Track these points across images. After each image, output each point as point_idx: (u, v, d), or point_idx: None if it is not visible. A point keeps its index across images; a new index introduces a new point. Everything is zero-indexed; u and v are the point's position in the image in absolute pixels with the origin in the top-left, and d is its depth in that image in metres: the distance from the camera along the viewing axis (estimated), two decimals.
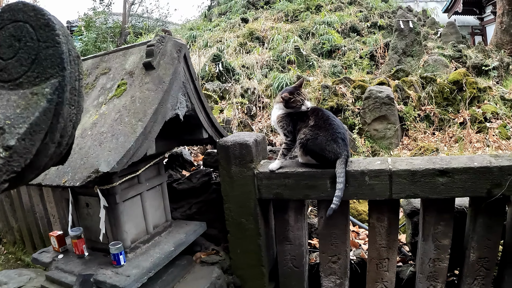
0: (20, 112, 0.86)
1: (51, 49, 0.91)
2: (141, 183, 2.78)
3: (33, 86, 0.90)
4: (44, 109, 0.87)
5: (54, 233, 2.90)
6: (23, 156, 0.85)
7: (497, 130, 6.66)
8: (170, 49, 2.45)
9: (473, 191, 2.48)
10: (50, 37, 0.91)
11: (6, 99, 0.87)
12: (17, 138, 0.83)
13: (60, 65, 0.91)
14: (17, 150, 0.84)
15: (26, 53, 0.92)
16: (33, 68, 0.91)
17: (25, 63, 0.92)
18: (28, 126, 0.85)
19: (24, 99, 0.87)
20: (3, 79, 0.92)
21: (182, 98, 2.51)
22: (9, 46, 0.93)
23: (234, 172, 2.81)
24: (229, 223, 2.99)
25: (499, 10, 13.27)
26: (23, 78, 0.91)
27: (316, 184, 2.63)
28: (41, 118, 0.87)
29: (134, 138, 2.06)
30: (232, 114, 7.14)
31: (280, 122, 2.70)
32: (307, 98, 2.66)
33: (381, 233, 2.75)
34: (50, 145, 0.91)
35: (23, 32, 0.93)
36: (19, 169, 0.85)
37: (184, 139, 3.05)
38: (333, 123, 2.57)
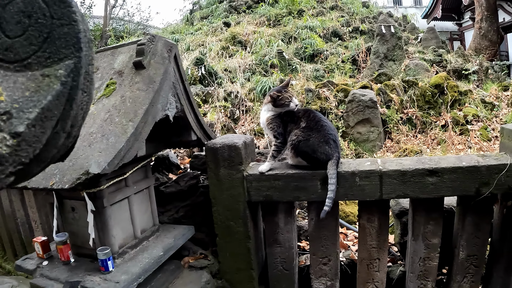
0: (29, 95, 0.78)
1: (67, 27, 0.83)
2: (129, 186, 2.71)
3: (43, 67, 0.81)
4: (57, 93, 0.79)
5: (38, 239, 2.80)
6: (32, 145, 0.77)
7: (478, 132, 6.80)
8: (161, 49, 2.40)
9: (462, 190, 2.50)
10: (65, 14, 0.83)
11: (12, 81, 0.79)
12: (26, 124, 0.75)
13: (76, 45, 0.82)
14: (26, 137, 0.75)
15: (37, 31, 0.84)
16: (44, 48, 0.82)
17: (36, 42, 0.83)
18: (39, 110, 0.76)
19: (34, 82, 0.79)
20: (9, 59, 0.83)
21: (172, 99, 2.47)
22: (17, 22, 0.84)
23: (223, 175, 2.77)
24: (218, 226, 2.95)
25: (478, 16, 13.61)
26: (32, 59, 0.83)
27: (307, 186, 2.61)
28: (53, 103, 0.78)
29: (125, 138, 2.01)
30: (216, 118, 7.10)
31: (270, 124, 2.68)
32: (294, 96, 2.67)
33: (372, 234, 2.75)
34: (60, 135, 0.83)
35: (34, 7, 0.84)
36: (27, 160, 0.77)
37: (172, 141, 3.00)
38: (325, 125, 2.57)
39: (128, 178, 2.66)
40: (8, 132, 0.73)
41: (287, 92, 2.61)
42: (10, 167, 0.74)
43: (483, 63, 9.88)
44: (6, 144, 0.72)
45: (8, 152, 0.73)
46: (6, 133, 0.73)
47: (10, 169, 0.74)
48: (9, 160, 0.74)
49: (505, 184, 2.43)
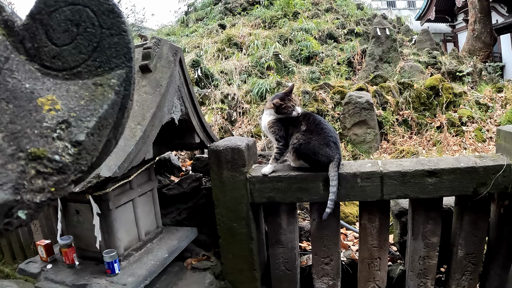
0: (85, 104, 0.80)
1: (117, 37, 0.85)
2: (133, 189, 2.74)
3: (94, 76, 0.83)
4: (112, 102, 0.81)
5: (41, 242, 2.81)
6: (91, 153, 0.79)
7: (473, 134, 6.88)
8: (166, 52, 2.44)
9: (460, 190, 2.57)
10: (115, 24, 0.85)
11: (65, 89, 0.81)
12: (86, 132, 0.77)
13: (126, 55, 0.85)
14: (86, 146, 0.77)
15: (86, 40, 0.85)
16: (94, 57, 0.84)
17: (85, 50, 0.85)
18: (97, 119, 0.79)
19: (87, 90, 0.81)
20: (57, 67, 0.84)
21: (177, 102, 2.51)
22: (64, 31, 0.85)
23: (226, 177, 2.81)
24: (221, 228, 2.98)
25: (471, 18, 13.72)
26: (82, 67, 0.84)
27: (309, 187, 2.66)
28: (109, 112, 0.81)
29: (134, 142, 2.04)
30: (213, 120, 7.15)
31: (271, 128, 2.72)
32: (297, 104, 2.69)
33: (373, 234, 2.80)
34: (112, 142, 0.86)
35: (83, 16, 0.85)
36: (86, 168, 0.79)
37: (175, 144, 3.04)
38: (325, 128, 2.61)
39: (132, 181, 2.70)
40: (69, 141, 0.76)
41: (290, 100, 2.63)
42: (72, 176, 0.76)
43: (477, 65, 9.99)
44: (68, 153, 0.74)
45: (71, 161, 0.75)
46: (67, 142, 0.75)
47: (72, 177, 0.76)
48: (71, 168, 0.76)
49: (502, 184, 2.50)
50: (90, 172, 0.82)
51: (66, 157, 0.75)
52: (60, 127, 0.77)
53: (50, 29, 0.86)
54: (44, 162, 0.73)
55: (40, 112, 0.77)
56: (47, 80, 0.82)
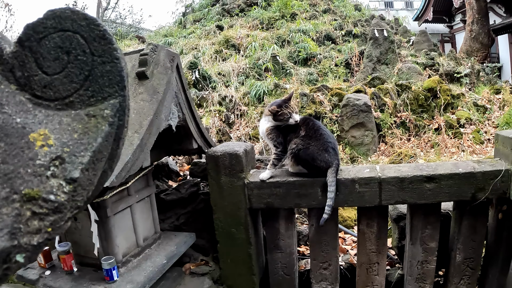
0: (78, 137, 0.77)
1: (109, 65, 0.81)
2: (131, 195, 2.73)
3: (87, 106, 0.80)
4: (106, 134, 0.79)
5: None
6: (87, 188, 0.77)
7: (471, 135, 6.89)
8: (163, 59, 2.43)
9: (459, 196, 2.57)
10: (107, 51, 0.81)
11: (57, 122, 0.78)
12: (80, 168, 0.74)
13: (119, 83, 0.82)
14: (81, 182, 0.75)
15: (77, 68, 0.82)
16: (86, 86, 0.81)
17: (77, 79, 0.81)
18: (91, 154, 0.76)
19: (80, 122, 0.78)
20: (49, 97, 0.81)
21: (174, 109, 2.49)
22: (55, 59, 0.82)
23: (224, 182, 2.81)
24: (219, 233, 2.98)
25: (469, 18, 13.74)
26: (74, 97, 0.81)
27: (307, 193, 2.66)
28: (103, 144, 0.78)
29: (132, 150, 2.03)
30: (211, 122, 7.14)
31: (269, 134, 2.72)
32: (295, 111, 2.67)
33: (371, 239, 2.80)
34: (108, 173, 0.83)
35: (73, 43, 0.82)
36: (82, 204, 0.77)
37: (173, 149, 3.03)
38: (324, 133, 2.61)
39: (130, 187, 2.69)
40: (64, 178, 0.74)
41: (288, 107, 2.62)
42: (68, 213, 0.74)
43: (475, 66, 10.00)
44: (64, 191, 0.73)
45: (66, 199, 0.73)
46: (61, 179, 0.73)
47: (68, 215, 0.74)
48: (67, 206, 0.74)
49: (500, 189, 2.50)
50: (87, 203, 0.80)
51: (61, 195, 0.73)
52: (53, 164, 0.75)
53: (40, 57, 0.83)
54: (39, 202, 0.72)
55: (33, 149, 0.76)
56: (38, 112, 0.80)
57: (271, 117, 2.66)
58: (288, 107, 2.62)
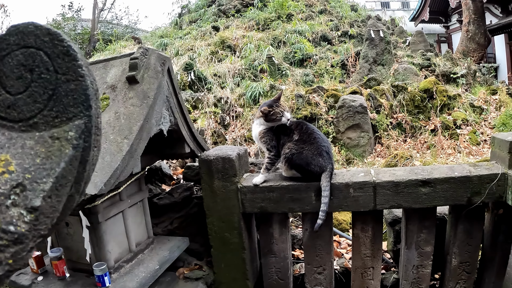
0: (41, 162, 0.72)
1: (73, 83, 0.76)
2: (123, 200, 2.69)
3: (51, 127, 0.75)
4: (70, 158, 0.73)
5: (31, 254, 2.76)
6: (50, 216, 0.72)
7: (468, 137, 6.88)
8: (154, 62, 2.39)
9: (454, 200, 2.54)
10: (71, 69, 0.76)
11: (20, 145, 0.73)
12: (42, 196, 0.70)
13: (84, 103, 0.76)
14: (43, 210, 0.70)
15: (41, 87, 0.76)
16: (50, 106, 0.76)
17: (40, 99, 0.76)
18: (54, 180, 0.71)
19: (43, 145, 0.73)
20: (13, 118, 0.76)
21: (165, 113, 2.45)
22: (18, 77, 0.77)
23: (217, 187, 2.77)
24: (213, 237, 2.95)
25: (465, 19, 13.75)
26: (38, 118, 0.76)
27: (301, 197, 2.63)
28: (67, 169, 0.73)
29: (121, 157, 1.99)
30: (206, 124, 7.10)
31: (262, 138, 2.69)
32: (286, 110, 2.65)
33: (366, 243, 2.77)
34: (75, 197, 0.78)
35: (36, 61, 0.77)
36: (46, 232, 0.73)
37: (165, 154, 2.99)
38: (318, 137, 2.58)
39: (122, 192, 2.65)
40: (25, 207, 0.69)
41: (279, 106, 2.61)
42: (31, 243, 0.70)
43: (471, 66, 10.00)
44: (24, 221, 0.69)
45: (27, 229, 0.69)
46: (22, 208, 0.69)
47: (30, 245, 0.70)
48: (29, 236, 0.70)
49: (496, 193, 2.48)
50: (54, 228, 0.76)
51: (22, 226, 0.69)
52: (14, 191, 0.71)
53: (3, 76, 0.78)
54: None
55: None
56: (1, 135, 0.76)
57: (263, 119, 2.63)
58: (279, 106, 2.60)
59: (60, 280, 2.61)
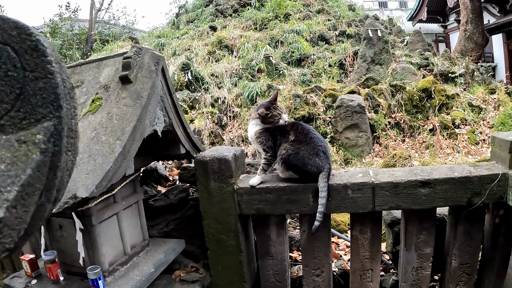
0: (5, 169, 0.66)
1: (42, 81, 0.70)
2: (117, 202, 2.64)
3: (19, 130, 0.69)
4: (37, 164, 0.67)
5: (25, 257, 2.70)
6: (16, 228, 0.66)
7: (466, 136, 6.84)
8: (148, 62, 2.33)
9: (454, 201, 2.50)
10: (39, 65, 0.70)
11: None
12: (6, 206, 0.64)
13: (54, 103, 0.70)
14: (7, 222, 0.64)
15: (7, 86, 0.70)
16: (18, 107, 0.70)
17: (7, 99, 0.70)
18: (19, 188, 0.65)
19: (9, 150, 0.67)
20: None
21: (160, 113, 2.40)
22: None
23: (213, 188, 2.73)
24: (209, 239, 2.90)
25: (463, 18, 13.75)
26: (4, 120, 0.70)
27: (298, 199, 2.58)
28: (34, 176, 0.67)
29: (113, 158, 1.94)
30: (203, 124, 7.05)
31: (258, 138, 2.64)
32: (284, 112, 2.60)
33: (364, 245, 2.73)
34: (46, 206, 0.71)
35: (3, 57, 0.71)
36: (12, 245, 0.67)
37: (160, 155, 2.94)
38: (314, 137, 2.54)
39: (116, 194, 2.60)
40: None
41: (276, 108, 2.54)
42: None
43: (469, 66, 9.97)
44: None
45: None
46: None
47: None
48: None
49: (497, 194, 2.44)
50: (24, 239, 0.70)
51: None
52: None
53: None
54: None
55: None
56: None
57: (260, 120, 2.58)
58: (276, 108, 2.55)
59: (54, 284, 2.57)
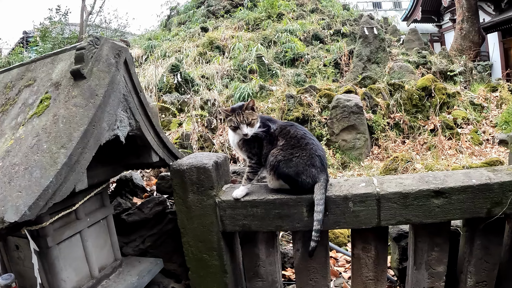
0: None
1: None
2: (80, 219, 2.26)
3: None
4: None
5: None
6: None
7: (469, 136, 6.51)
8: (107, 53, 1.94)
9: (472, 212, 2.14)
10: None
11: None
12: None
13: None
14: None
15: None
16: None
17: None
18: None
19: None
20: None
21: (123, 115, 2.01)
22: None
23: (192, 201, 2.35)
24: (189, 259, 2.52)
25: (459, 17, 13.63)
26: None
27: (290, 213, 2.20)
28: None
29: (55, 171, 1.54)
30: (192, 128, 6.68)
31: (242, 144, 2.27)
32: (248, 122, 2.17)
33: (368, 264, 2.36)
34: None
35: None
36: None
37: (131, 164, 2.54)
38: (310, 142, 2.15)
39: (79, 210, 2.23)
40: None
41: (240, 115, 2.17)
42: None
43: (468, 64, 9.71)
44: None
45: None
46: None
47: None
48: None
49: None
50: None
51: None
52: None
53: None
54: None
55: None
56: None
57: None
58: (240, 114, 2.16)
59: None
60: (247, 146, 2.24)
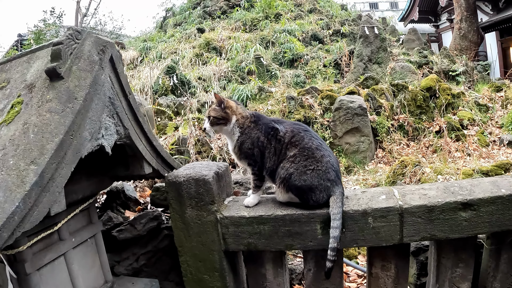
0: None
1: None
2: (64, 239, 2.01)
3: None
4: None
5: None
6: None
7: (476, 137, 6.28)
8: (89, 49, 1.69)
9: (501, 225, 1.92)
10: None
11: None
12: None
13: None
14: None
15: None
16: None
17: None
18: None
19: None
20: None
21: (109, 122, 1.74)
22: None
23: (190, 217, 2.09)
24: (188, 280, 2.26)
25: (457, 16, 13.51)
26: None
27: (302, 231, 1.95)
28: None
29: (22, 194, 1.28)
30: (189, 132, 6.41)
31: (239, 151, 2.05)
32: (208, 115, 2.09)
33: (387, 284, 2.12)
34: None
35: None
36: None
37: (120, 175, 2.27)
38: (326, 154, 1.91)
39: (62, 229, 1.97)
40: None
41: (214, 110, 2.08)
42: None
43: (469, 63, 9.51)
44: None
45: None
46: None
47: None
48: None
49: None
50: None
51: None
52: None
53: None
54: None
55: None
56: None
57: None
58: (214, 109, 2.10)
59: None
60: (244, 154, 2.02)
